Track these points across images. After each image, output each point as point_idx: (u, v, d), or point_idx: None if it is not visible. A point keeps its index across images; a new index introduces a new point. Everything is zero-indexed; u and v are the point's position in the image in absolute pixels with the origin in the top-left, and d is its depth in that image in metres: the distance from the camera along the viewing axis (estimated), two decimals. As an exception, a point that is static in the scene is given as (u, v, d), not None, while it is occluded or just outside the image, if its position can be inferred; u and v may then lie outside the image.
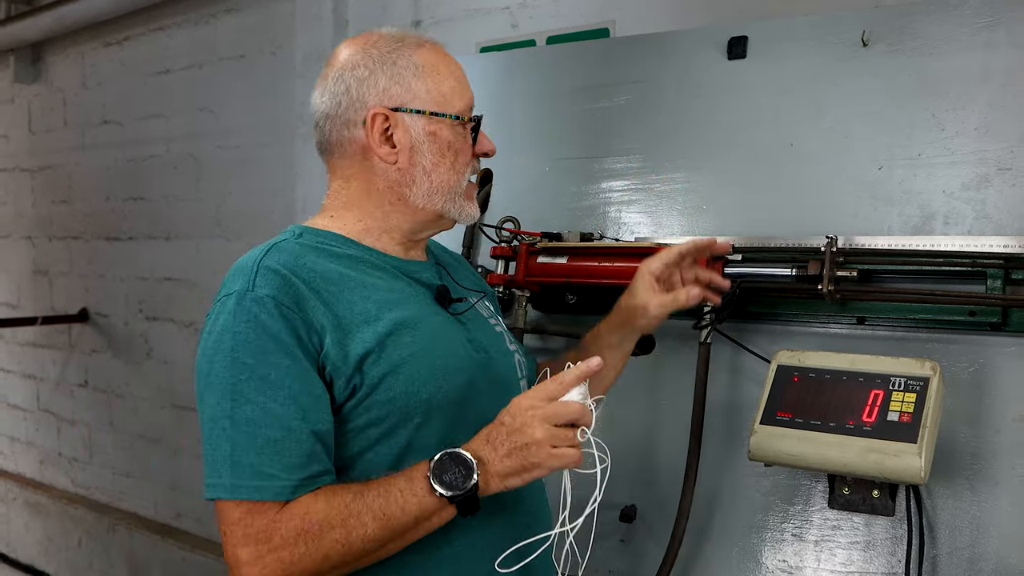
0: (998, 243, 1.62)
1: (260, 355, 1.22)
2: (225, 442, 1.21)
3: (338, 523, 1.20)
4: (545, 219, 2.10)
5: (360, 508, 1.21)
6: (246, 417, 1.21)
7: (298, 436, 1.22)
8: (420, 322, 1.34)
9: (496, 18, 3.10)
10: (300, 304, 1.25)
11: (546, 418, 1.21)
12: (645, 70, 2.07)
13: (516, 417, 1.22)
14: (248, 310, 1.24)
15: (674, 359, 1.91)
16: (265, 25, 3.87)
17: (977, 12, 1.71)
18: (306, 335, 1.24)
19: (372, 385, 1.27)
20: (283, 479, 1.20)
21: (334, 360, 1.26)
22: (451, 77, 1.41)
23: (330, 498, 1.21)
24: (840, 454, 1.51)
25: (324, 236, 1.39)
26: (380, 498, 1.21)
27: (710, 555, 1.80)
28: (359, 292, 1.32)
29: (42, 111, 5.24)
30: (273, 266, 1.28)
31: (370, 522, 1.20)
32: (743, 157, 1.92)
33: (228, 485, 1.20)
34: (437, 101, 1.39)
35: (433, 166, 1.40)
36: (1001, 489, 1.57)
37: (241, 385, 1.21)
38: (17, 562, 5.55)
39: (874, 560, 1.65)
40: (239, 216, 3.97)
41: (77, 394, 5.11)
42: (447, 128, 1.40)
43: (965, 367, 1.63)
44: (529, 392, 1.26)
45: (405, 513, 1.21)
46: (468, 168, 1.44)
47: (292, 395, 1.22)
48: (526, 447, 1.21)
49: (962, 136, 1.70)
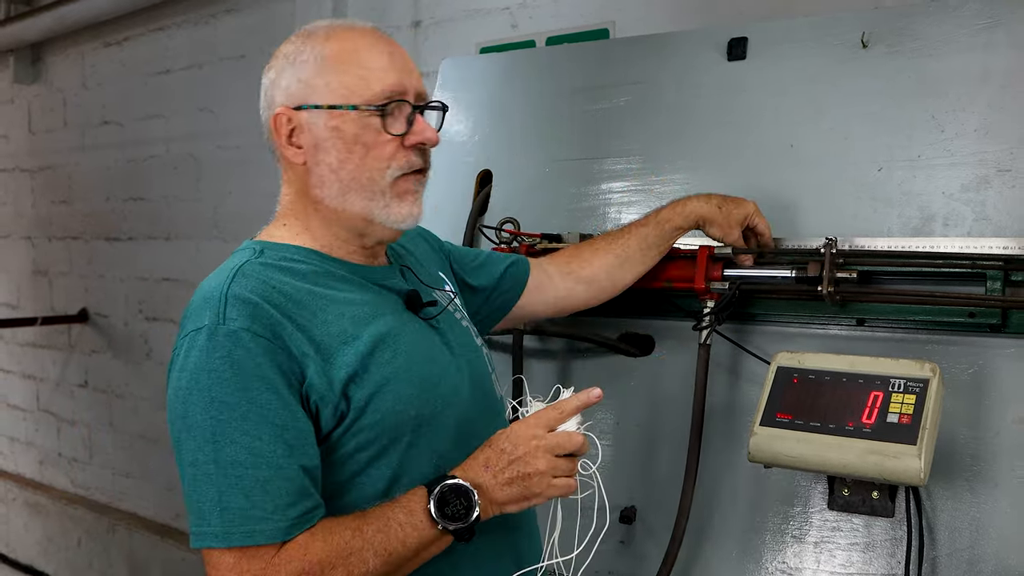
0: (998, 245, 1.62)
1: (240, 392, 1.15)
2: (210, 487, 1.15)
3: (339, 562, 1.16)
4: (545, 220, 2.10)
5: (360, 545, 1.17)
6: (231, 459, 1.14)
7: (287, 473, 1.16)
8: (398, 335, 1.30)
9: (496, 18, 3.10)
10: (277, 333, 1.19)
11: (550, 449, 1.21)
12: (645, 71, 2.07)
13: (518, 446, 1.21)
14: (222, 345, 1.17)
15: (674, 360, 1.91)
16: (265, 25, 3.87)
17: (977, 13, 1.71)
18: (287, 366, 1.19)
19: (359, 408, 1.23)
20: (276, 520, 1.14)
21: (319, 389, 1.20)
22: (358, 65, 1.29)
23: (328, 536, 1.17)
24: (840, 455, 1.51)
25: (285, 251, 1.32)
26: (380, 533, 1.18)
27: (710, 556, 1.80)
28: (332, 310, 1.26)
29: (42, 111, 5.24)
30: (242, 295, 1.20)
31: (371, 558, 1.17)
32: (743, 158, 1.91)
33: (219, 532, 1.14)
34: (339, 93, 1.28)
35: (340, 163, 1.29)
36: (1001, 491, 1.57)
37: (222, 426, 1.15)
38: (17, 562, 5.55)
39: (874, 561, 1.65)
40: (239, 216, 3.97)
41: (77, 394, 5.12)
42: (351, 121, 1.28)
43: (965, 369, 1.63)
44: (530, 419, 1.25)
45: (406, 547, 1.20)
46: (390, 162, 1.30)
47: (277, 431, 1.16)
48: (528, 477, 1.21)
49: (962, 137, 1.70)
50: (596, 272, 1.76)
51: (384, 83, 1.29)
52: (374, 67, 1.29)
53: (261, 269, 1.27)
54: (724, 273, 1.78)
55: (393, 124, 1.30)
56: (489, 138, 2.24)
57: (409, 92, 1.31)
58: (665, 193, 2.00)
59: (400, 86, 1.30)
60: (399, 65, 1.31)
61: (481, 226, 2.14)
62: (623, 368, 1.96)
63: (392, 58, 1.31)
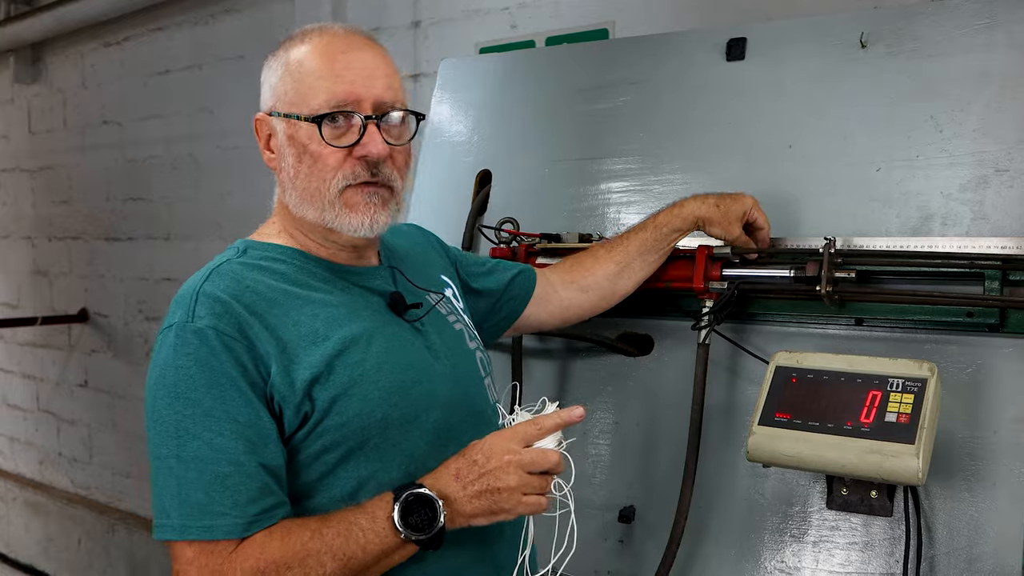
0: (996, 244, 1.62)
1: (203, 389, 1.16)
2: (172, 480, 1.16)
3: (295, 563, 1.15)
4: (544, 220, 2.10)
5: (319, 547, 1.15)
6: (192, 454, 1.15)
7: (247, 471, 1.16)
8: (372, 336, 1.28)
9: (495, 19, 3.11)
10: (243, 332, 1.19)
11: (522, 465, 1.18)
12: (644, 71, 2.07)
13: (491, 459, 1.18)
14: (189, 343, 1.18)
15: (673, 360, 1.91)
16: (264, 26, 3.87)
17: (975, 14, 1.71)
18: (252, 365, 1.19)
19: (324, 410, 1.22)
20: (234, 516, 1.15)
21: (281, 389, 1.20)
22: (314, 73, 1.27)
23: (286, 536, 1.16)
24: (838, 455, 1.52)
25: (268, 250, 1.33)
26: (340, 537, 1.16)
27: (709, 556, 1.80)
28: (306, 310, 1.25)
29: (42, 111, 5.24)
30: (213, 293, 1.21)
31: (329, 562, 1.15)
32: (742, 158, 1.92)
33: (177, 526, 1.15)
34: (292, 101, 1.28)
35: (295, 172, 1.29)
36: (999, 490, 1.57)
37: (186, 422, 1.16)
38: (17, 562, 5.55)
39: (872, 561, 1.65)
40: (238, 216, 3.97)
41: (77, 394, 5.12)
42: (302, 130, 1.27)
43: (963, 368, 1.63)
44: (506, 433, 1.21)
45: (367, 553, 1.17)
46: (335, 173, 1.27)
47: (238, 429, 1.16)
48: (498, 492, 1.18)
49: (960, 138, 1.70)
50: (598, 280, 1.77)
51: (331, 92, 1.26)
52: (323, 75, 1.27)
53: (239, 268, 1.27)
54: (723, 273, 1.78)
55: (340, 136, 1.27)
56: (488, 138, 2.24)
57: (364, 102, 1.27)
58: (664, 193, 2.00)
59: (350, 96, 1.26)
60: (355, 73, 1.27)
61: (480, 226, 2.15)
62: (622, 368, 1.96)
63: (348, 66, 1.27)
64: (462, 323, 1.51)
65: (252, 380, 1.18)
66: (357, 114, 1.27)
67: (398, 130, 1.32)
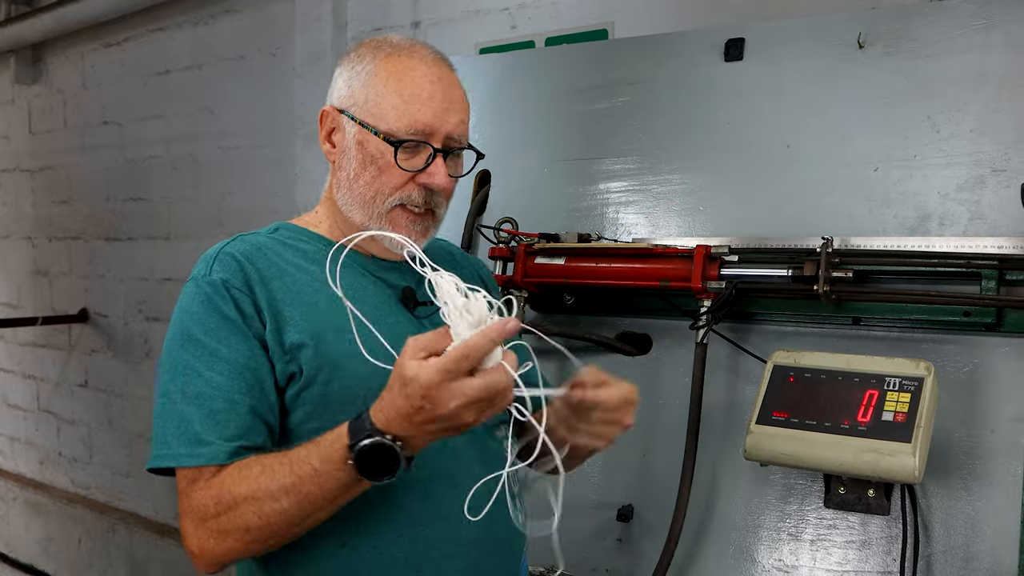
0: (992, 244, 1.63)
1: (210, 332, 1.27)
2: (175, 414, 1.25)
3: (249, 496, 1.19)
4: (543, 220, 2.10)
5: (269, 483, 1.18)
6: (196, 391, 1.25)
7: (239, 409, 1.24)
8: (372, 320, 1.27)
9: (495, 19, 3.11)
10: (251, 288, 1.29)
11: (474, 402, 1.09)
12: (643, 71, 2.08)
13: (438, 405, 1.09)
14: (203, 291, 1.29)
15: (671, 359, 1.92)
16: (265, 26, 3.87)
17: (972, 14, 1.72)
18: (254, 315, 1.28)
19: (309, 377, 1.27)
20: (218, 446, 1.22)
21: (271, 344, 1.28)
22: (398, 94, 1.32)
23: (242, 470, 1.21)
24: (836, 454, 1.52)
25: (299, 232, 1.41)
26: (291, 476, 1.18)
27: (707, 554, 1.80)
28: (313, 285, 1.32)
29: (42, 112, 5.24)
30: (231, 252, 1.32)
31: (282, 497, 1.18)
32: (740, 158, 1.92)
33: (175, 454, 1.24)
34: (371, 112, 1.33)
35: (355, 175, 1.36)
36: (995, 488, 1.58)
37: (193, 361, 1.26)
38: (17, 562, 5.55)
39: (869, 559, 1.65)
40: (239, 217, 3.97)
41: (77, 394, 5.12)
42: (375, 142, 1.33)
43: (960, 367, 1.64)
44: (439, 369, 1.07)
45: (324, 490, 1.17)
46: (394, 192, 1.34)
47: (237, 369, 1.25)
48: (459, 427, 1.13)
49: (957, 138, 1.71)
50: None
51: (413, 118, 1.32)
52: (409, 100, 1.32)
53: (264, 239, 1.37)
54: (721, 272, 1.79)
55: (408, 159, 1.33)
56: (487, 138, 2.24)
57: (437, 134, 1.33)
58: (663, 193, 2.01)
59: (427, 127, 1.32)
60: (436, 105, 1.33)
61: (479, 226, 2.15)
62: (620, 367, 1.96)
63: (432, 96, 1.33)
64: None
65: (254, 328, 1.28)
66: (429, 144, 1.33)
67: (457, 164, 1.39)
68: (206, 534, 1.22)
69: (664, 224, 2.00)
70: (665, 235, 1.99)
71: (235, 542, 1.21)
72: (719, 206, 1.94)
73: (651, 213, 2.02)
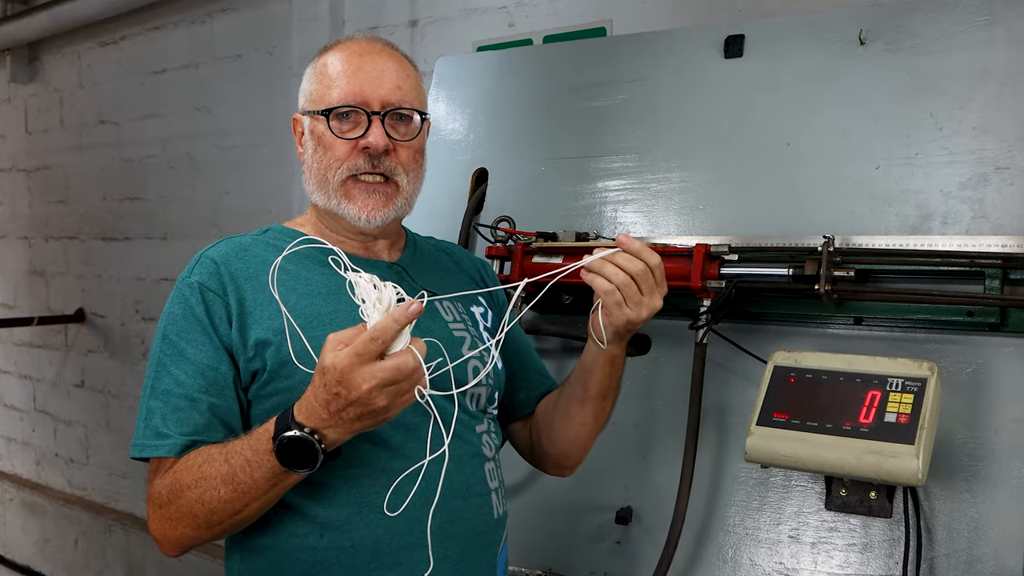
0: (996, 243, 1.61)
1: (182, 333, 1.35)
2: (144, 408, 1.35)
3: (192, 484, 1.27)
4: (540, 219, 2.09)
5: (209, 472, 1.26)
6: (163, 388, 1.33)
7: (199, 407, 1.32)
8: (341, 316, 1.34)
9: (493, 17, 3.10)
10: (224, 289, 1.36)
11: (385, 383, 1.14)
12: (641, 69, 2.06)
13: (351, 389, 1.14)
14: (181, 293, 1.38)
15: (670, 360, 1.90)
16: (262, 25, 3.86)
17: (975, 11, 1.70)
18: (223, 317, 1.35)
19: (273, 371, 1.33)
20: (175, 439, 1.31)
21: (236, 343, 1.34)
22: (332, 74, 1.42)
23: (190, 460, 1.29)
24: (837, 455, 1.51)
25: (284, 233, 1.47)
26: (226, 465, 1.25)
27: (706, 557, 1.79)
28: (288, 283, 1.36)
29: (38, 111, 5.23)
30: (211, 255, 1.41)
31: (222, 487, 1.25)
32: (740, 156, 1.91)
33: (138, 444, 1.34)
34: (314, 99, 1.44)
35: (312, 160, 1.44)
36: (999, 490, 1.56)
37: (165, 359, 1.35)
38: (13, 563, 5.55)
39: (871, 562, 1.64)
40: (236, 216, 3.96)
41: (74, 394, 5.11)
42: (320, 123, 1.42)
43: (963, 368, 1.62)
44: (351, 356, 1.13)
45: (255, 480, 1.24)
46: (341, 163, 1.41)
47: (200, 369, 1.33)
48: (372, 413, 1.17)
49: (960, 135, 1.69)
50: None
51: (344, 90, 1.41)
52: (340, 76, 1.42)
53: (247, 241, 1.45)
54: (720, 271, 1.77)
55: (348, 130, 1.41)
56: (484, 136, 2.23)
57: (371, 101, 1.40)
58: (661, 191, 1.99)
59: (357, 95, 1.40)
60: (365, 75, 1.41)
61: (476, 225, 2.14)
62: (619, 367, 1.95)
63: (359, 68, 1.42)
64: (469, 332, 1.49)
65: (220, 331, 1.35)
66: (364, 110, 1.40)
67: (404, 128, 1.44)
68: (162, 519, 1.32)
69: (663, 223, 1.99)
70: (664, 234, 1.97)
71: (185, 528, 1.30)
72: (719, 204, 1.92)
73: (650, 212, 2.01)
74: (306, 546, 1.33)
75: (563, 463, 1.65)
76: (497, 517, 1.46)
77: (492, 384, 1.51)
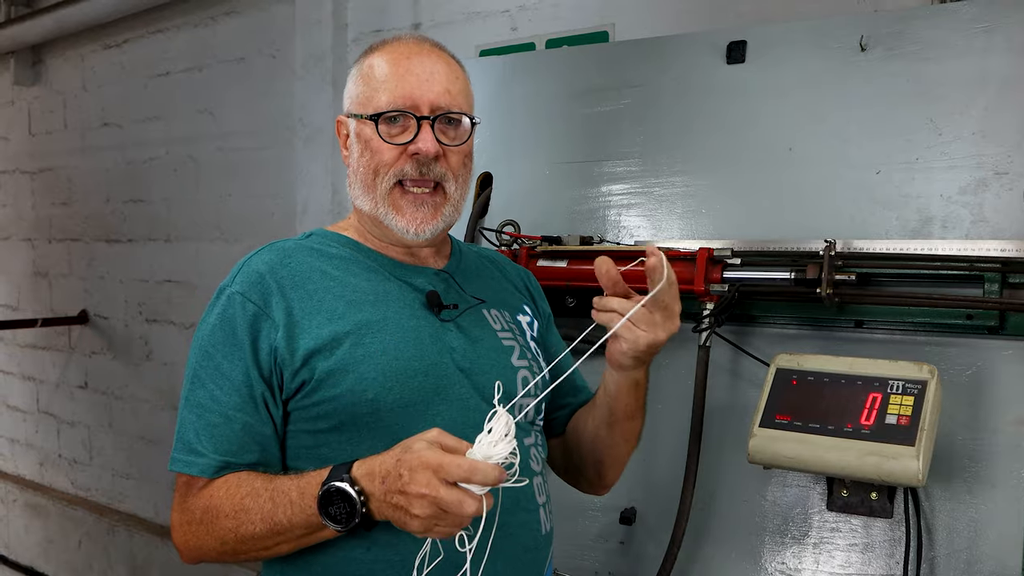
0: (995, 247, 1.63)
1: (220, 346, 1.31)
2: (179, 419, 1.33)
3: (231, 513, 1.25)
4: (545, 223, 2.11)
5: (251, 505, 1.24)
6: (198, 401, 1.31)
7: (234, 425, 1.29)
8: (389, 324, 1.32)
9: (496, 21, 3.11)
10: (267, 301, 1.31)
11: (436, 503, 1.09)
12: (644, 74, 2.08)
13: (411, 483, 1.10)
14: (222, 304, 1.33)
15: (673, 362, 1.92)
16: (264, 28, 3.87)
17: (975, 17, 1.72)
18: (266, 332, 1.30)
19: (320, 380, 1.29)
20: (209, 459, 1.28)
21: (283, 353, 1.30)
22: (380, 77, 1.37)
23: (231, 487, 1.26)
24: (839, 457, 1.52)
25: (330, 238, 1.44)
26: (270, 503, 1.23)
27: (709, 557, 1.80)
28: (335, 290, 1.34)
29: (42, 113, 5.24)
30: (255, 265, 1.35)
31: (258, 522, 1.24)
32: (742, 161, 1.92)
33: (172, 458, 1.32)
34: (361, 102, 1.39)
35: (357, 164, 1.40)
36: (999, 491, 1.58)
37: (201, 372, 1.32)
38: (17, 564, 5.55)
39: (872, 562, 1.65)
40: (239, 218, 3.97)
41: (77, 396, 5.11)
42: (368, 127, 1.37)
43: (963, 370, 1.64)
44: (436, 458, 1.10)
45: (292, 524, 1.22)
46: (388, 168, 1.36)
47: (236, 386, 1.29)
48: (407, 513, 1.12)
49: (960, 140, 1.71)
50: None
51: (392, 94, 1.36)
52: (388, 79, 1.37)
53: (292, 247, 1.40)
54: (723, 275, 1.79)
55: (397, 135, 1.36)
56: (489, 141, 2.25)
57: (420, 105, 1.35)
58: (665, 196, 2.01)
59: (406, 98, 1.35)
60: (414, 78, 1.36)
61: (481, 228, 2.15)
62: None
63: (408, 71, 1.36)
64: (517, 342, 1.46)
65: (261, 346, 1.30)
66: (413, 115, 1.35)
67: (454, 132, 1.39)
68: (189, 534, 1.30)
69: (666, 227, 2.00)
70: (667, 238, 1.99)
71: (210, 549, 1.30)
72: (721, 209, 1.94)
73: (653, 216, 2.02)
74: (353, 559, 1.29)
75: (596, 482, 1.58)
76: (545, 533, 1.40)
77: (540, 395, 1.44)
